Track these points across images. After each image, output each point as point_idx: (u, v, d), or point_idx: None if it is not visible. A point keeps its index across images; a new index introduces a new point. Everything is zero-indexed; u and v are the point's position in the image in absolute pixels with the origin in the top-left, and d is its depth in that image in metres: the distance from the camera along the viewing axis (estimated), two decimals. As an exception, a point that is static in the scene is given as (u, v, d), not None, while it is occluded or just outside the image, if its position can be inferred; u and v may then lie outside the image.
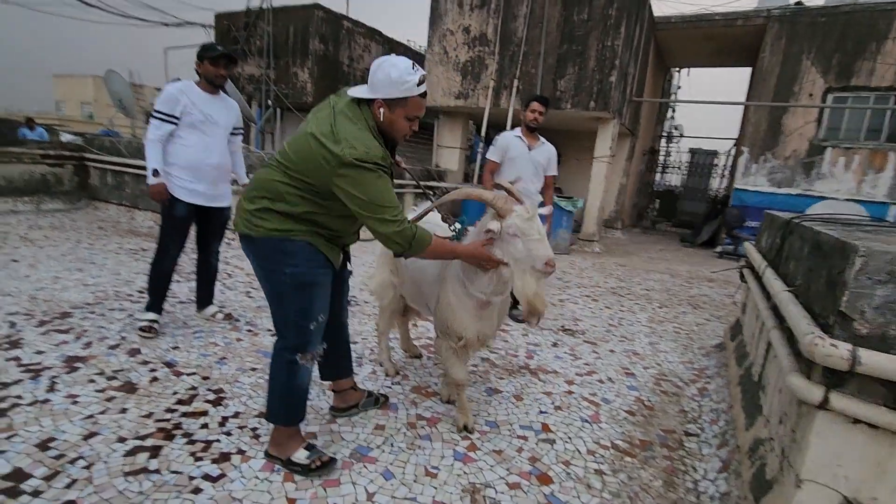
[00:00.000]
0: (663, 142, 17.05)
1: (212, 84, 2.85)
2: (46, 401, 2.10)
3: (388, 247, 1.69)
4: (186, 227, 2.95)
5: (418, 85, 1.62)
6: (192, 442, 1.92)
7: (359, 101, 1.66)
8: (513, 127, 8.59)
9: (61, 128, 14.18)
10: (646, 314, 4.52)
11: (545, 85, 8.31)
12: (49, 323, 2.91)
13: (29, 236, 5.12)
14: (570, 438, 2.24)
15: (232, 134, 3.05)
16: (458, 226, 2.06)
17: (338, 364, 2.17)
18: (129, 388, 2.28)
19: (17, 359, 2.43)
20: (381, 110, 1.64)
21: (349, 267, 2.04)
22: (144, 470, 1.73)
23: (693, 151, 16.94)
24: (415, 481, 1.83)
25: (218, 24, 11.98)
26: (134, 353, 2.64)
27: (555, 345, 3.44)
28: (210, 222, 3.06)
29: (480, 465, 1.97)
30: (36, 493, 1.57)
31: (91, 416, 2.02)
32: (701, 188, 16.50)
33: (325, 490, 1.73)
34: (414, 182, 8.31)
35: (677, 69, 15.81)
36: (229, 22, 11.68)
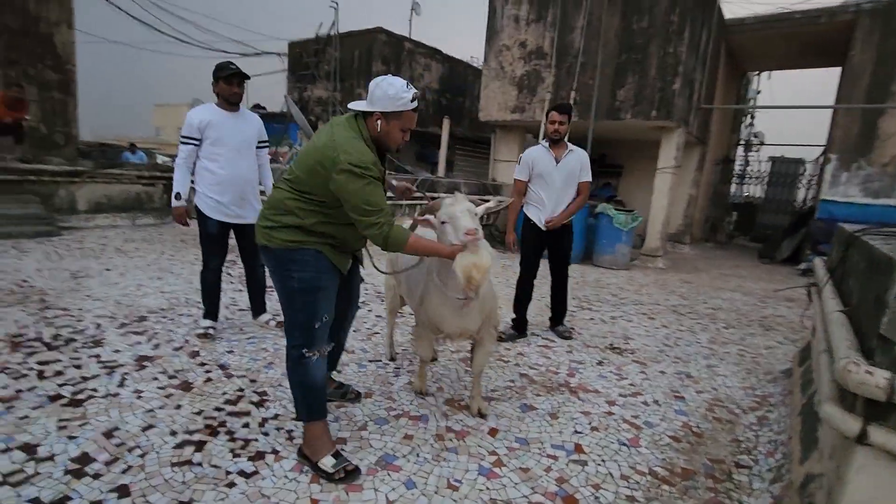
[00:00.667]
0: (740, 150, 15.93)
1: (228, 102, 2.98)
2: (116, 394, 2.35)
3: (372, 241, 1.91)
4: (221, 242, 3.10)
5: (411, 101, 1.84)
6: (233, 439, 2.07)
7: (356, 115, 1.90)
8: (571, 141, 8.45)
9: (158, 151, 15.84)
10: (707, 334, 4.23)
11: (603, 95, 8.12)
12: (128, 325, 3.26)
13: (123, 248, 5.76)
14: (603, 461, 2.15)
15: (258, 147, 3.16)
16: None
17: (333, 359, 2.39)
18: (186, 386, 2.49)
19: (97, 356, 2.75)
20: (379, 122, 1.84)
21: (361, 271, 2.28)
22: (189, 462, 1.89)
23: (774, 160, 15.66)
24: (436, 493, 1.84)
25: (291, 52, 12.90)
26: (194, 355, 2.88)
27: (600, 363, 3.32)
28: (245, 237, 3.20)
29: (504, 482, 1.94)
30: (96, 476, 1.77)
31: (151, 411, 2.23)
32: (784, 199, 15.18)
33: (347, 494, 1.79)
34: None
35: (756, 73, 14.78)
36: (301, 49, 12.55)
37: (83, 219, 7.19)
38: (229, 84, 2.94)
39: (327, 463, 1.89)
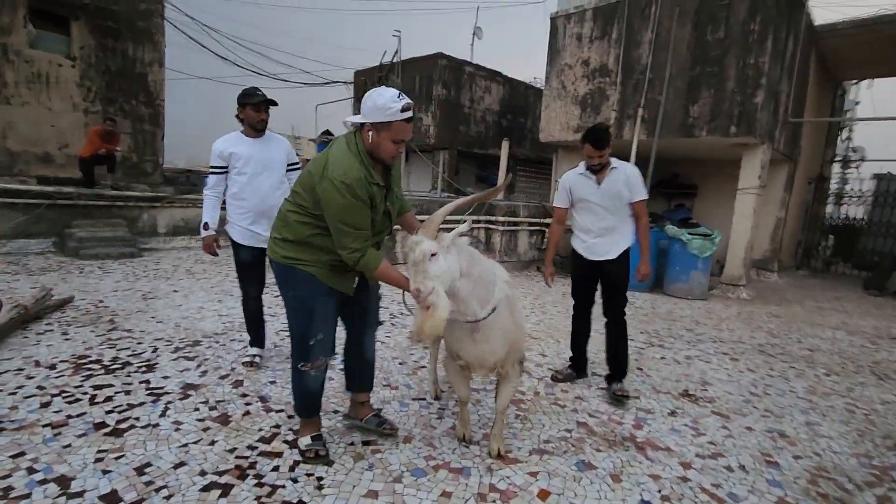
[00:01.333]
0: (837, 167, 14.34)
1: (254, 129, 2.93)
2: (157, 425, 2.33)
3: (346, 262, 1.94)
4: (257, 269, 3.09)
5: (402, 111, 1.82)
6: (260, 484, 1.95)
7: (356, 131, 1.93)
8: (638, 160, 7.96)
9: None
10: (804, 382, 3.63)
11: (674, 111, 7.58)
12: (181, 350, 3.32)
13: (192, 269, 6.06)
14: (677, 544, 1.79)
15: (288, 170, 3.10)
16: None
17: (355, 378, 2.40)
18: (224, 419, 2.43)
19: (147, 382, 2.78)
20: (370, 134, 1.86)
21: (376, 291, 2.31)
22: (212, 509, 1.79)
23: (880, 177, 13.91)
24: (472, 570, 1.59)
25: (356, 80, 13.43)
26: (237, 384, 2.85)
27: (672, 413, 2.90)
28: None
29: (554, 563, 1.65)
30: (119, 519, 1.70)
31: (185, 445, 2.17)
32: (894, 222, 13.39)
33: (371, 564, 1.59)
34: (528, 220, 8.12)
35: (853, 81, 13.35)
36: (366, 77, 13.03)
37: (162, 241, 7.72)
38: (257, 111, 2.89)
39: (303, 442, 2.16)
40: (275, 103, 2.98)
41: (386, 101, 1.80)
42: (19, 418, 2.29)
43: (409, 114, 1.85)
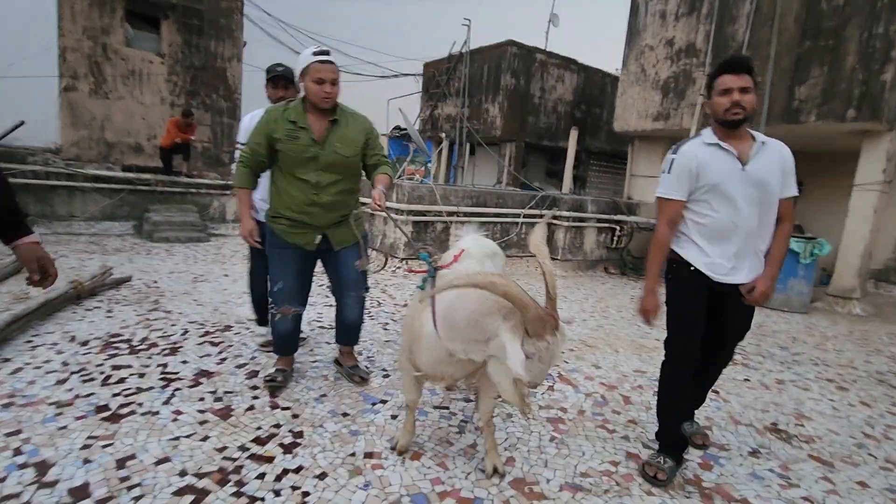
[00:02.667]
0: None
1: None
2: (156, 413, 2.20)
3: None
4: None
5: (314, 54, 2.19)
6: (238, 493, 1.72)
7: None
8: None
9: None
10: (941, 426, 2.82)
11: (776, 94, 6.55)
12: (210, 334, 3.25)
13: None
14: None
15: None
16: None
17: (338, 333, 2.71)
18: (225, 413, 2.26)
19: (164, 365, 2.70)
20: (300, 84, 2.27)
21: (351, 259, 2.49)
22: (178, 518, 1.58)
23: None
24: None
25: (425, 72, 13.29)
26: (252, 375, 2.68)
27: (754, 453, 2.32)
28: None
29: None
30: (76, 519, 1.54)
31: (176, 439, 2.01)
32: None
33: None
34: (596, 216, 7.46)
35: None
36: (434, 69, 12.83)
37: (230, 227, 8.03)
38: (275, 87, 2.81)
39: (267, 372, 2.62)
40: (291, 79, 2.80)
41: (303, 54, 2.24)
42: (31, 394, 2.27)
43: (322, 57, 2.17)
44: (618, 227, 7.59)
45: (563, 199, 7.27)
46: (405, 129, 13.74)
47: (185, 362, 2.76)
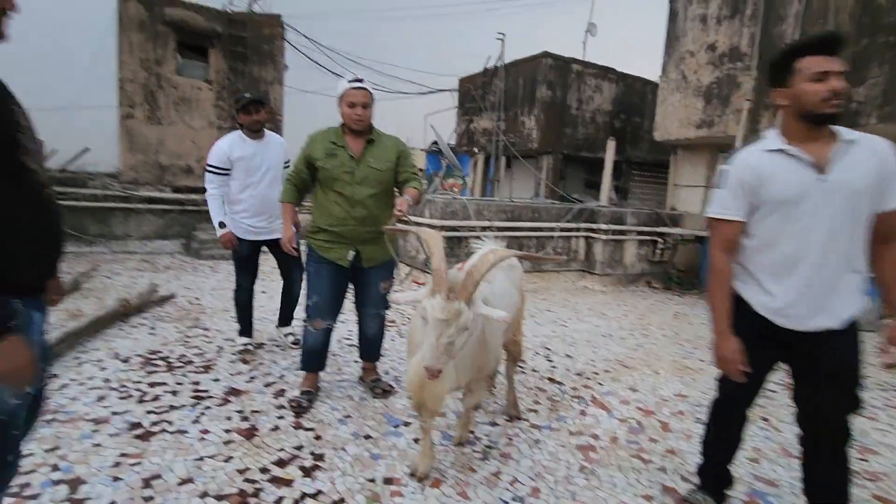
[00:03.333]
0: None
1: (252, 130, 3.08)
2: (185, 432, 2.25)
3: None
4: (253, 262, 3.29)
5: (349, 82, 2.38)
6: (255, 519, 1.72)
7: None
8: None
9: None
10: None
11: (832, 96, 6.14)
12: (245, 352, 3.32)
13: (287, 272, 6.32)
14: None
15: (285, 168, 3.24)
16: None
17: (360, 349, 2.82)
18: (250, 433, 2.28)
19: (197, 383, 2.77)
20: (339, 110, 2.44)
21: (376, 277, 2.60)
22: (195, 542, 1.59)
23: None
24: None
25: (461, 87, 13.39)
26: (279, 394, 2.71)
27: (809, 491, 2.10)
28: (278, 252, 3.12)
29: None
30: (100, 539, 1.57)
31: (201, 459, 2.04)
32: None
33: None
34: (637, 228, 7.19)
35: None
36: (469, 84, 12.91)
37: (271, 244, 8.28)
38: (248, 113, 3.02)
39: (294, 394, 2.63)
40: (263, 103, 3.11)
41: (340, 83, 2.41)
42: (73, 410, 2.37)
43: (356, 84, 2.36)
44: (660, 240, 7.29)
45: (602, 211, 7.06)
46: (439, 146, 13.87)
47: (216, 380, 2.83)
